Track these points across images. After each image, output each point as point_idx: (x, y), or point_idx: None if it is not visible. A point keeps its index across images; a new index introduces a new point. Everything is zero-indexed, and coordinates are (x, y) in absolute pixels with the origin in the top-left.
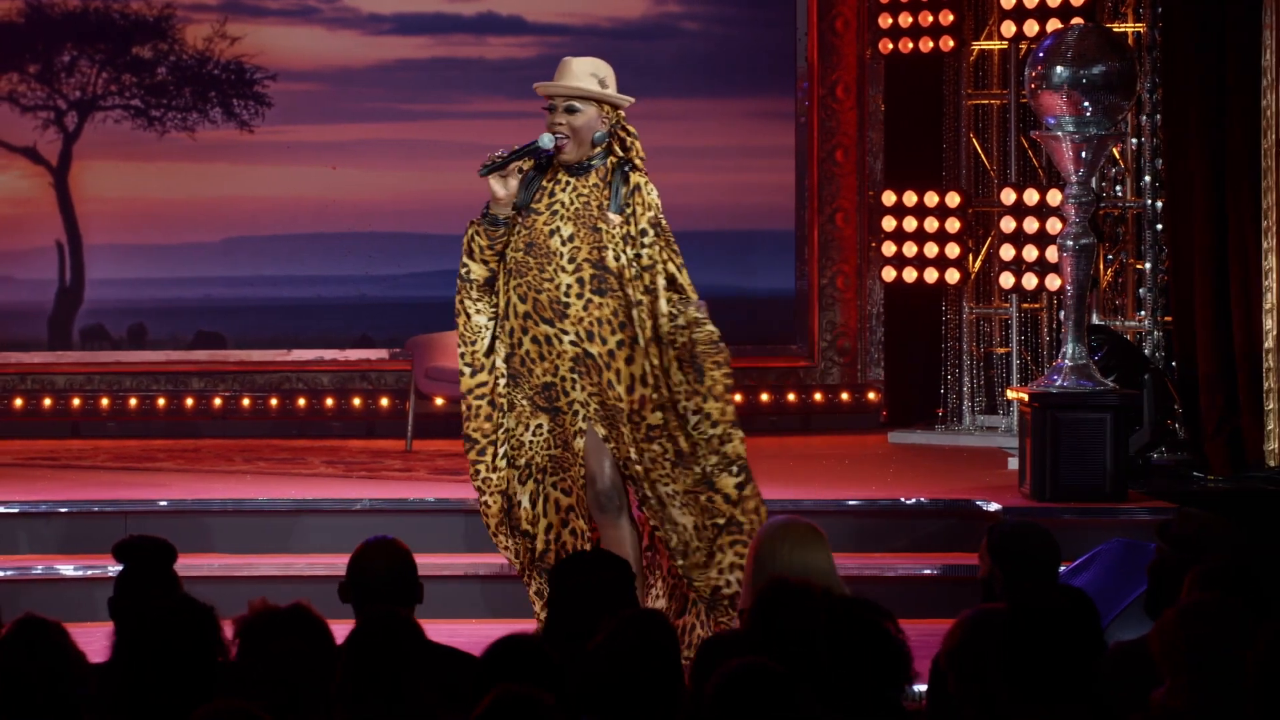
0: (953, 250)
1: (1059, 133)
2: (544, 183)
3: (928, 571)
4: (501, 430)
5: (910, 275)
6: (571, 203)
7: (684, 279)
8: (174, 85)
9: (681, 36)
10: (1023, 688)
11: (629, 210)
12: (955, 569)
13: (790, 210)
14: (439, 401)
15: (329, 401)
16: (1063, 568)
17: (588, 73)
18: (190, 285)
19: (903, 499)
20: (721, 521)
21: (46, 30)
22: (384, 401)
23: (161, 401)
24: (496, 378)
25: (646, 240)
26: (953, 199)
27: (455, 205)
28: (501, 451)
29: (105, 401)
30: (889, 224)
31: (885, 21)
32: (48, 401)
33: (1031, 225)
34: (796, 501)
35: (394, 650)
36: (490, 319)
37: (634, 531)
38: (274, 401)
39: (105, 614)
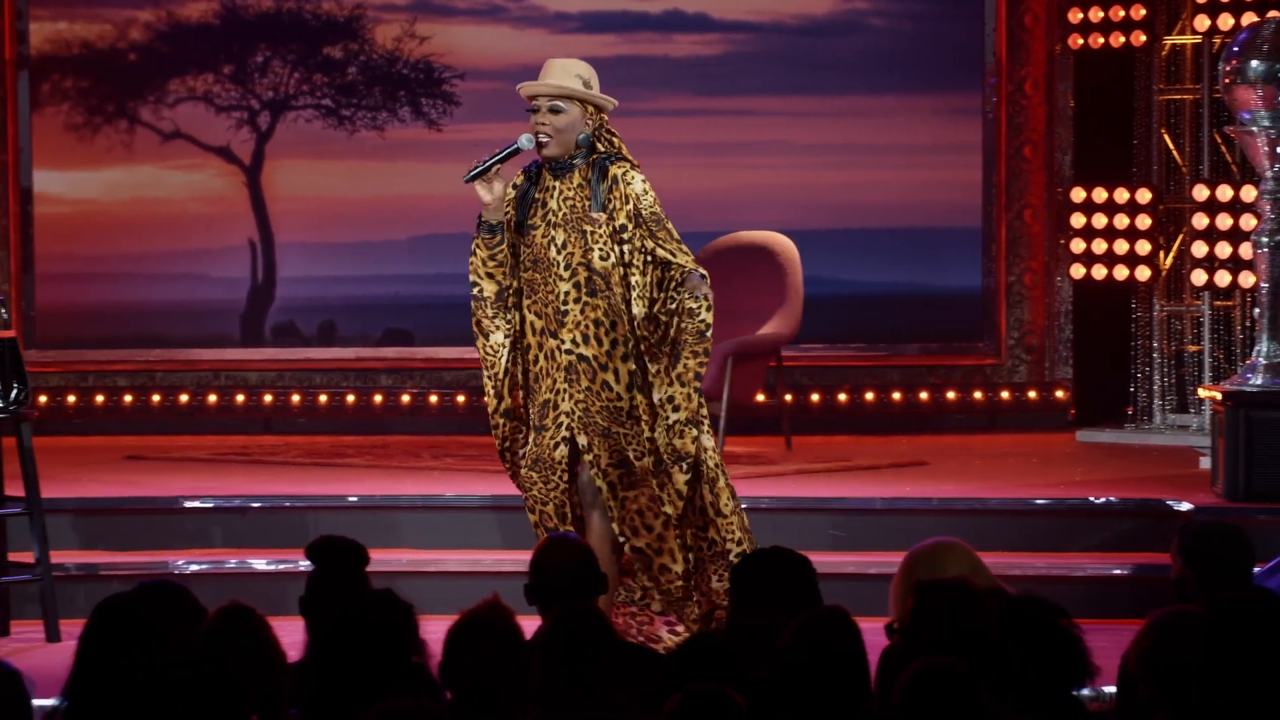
0: (1143, 247)
1: (1254, 128)
2: (535, 195)
3: (1118, 571)
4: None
5: (1099, 272)
6: (560, 208)
7: (682, 260)
8: (364, 85)
9: (868, 33)
10: (1221, 693)
11: (610, 206)
12: (1146, 569)
13: (977, 207)
14: None
15: None
16: (1255, 569)
17: (572, 73)
18: (379, 283)
19: (1092, 498)
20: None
21: (241, 31)
22: None
23: (351, 398)
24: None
25: (626, 235)
26: (1143, 195)
27: None
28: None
29: (296, 398)
30: (1078, 221)
31: (1075, 16)
32: (240, 398)
33: (1224, 221)
34: (983, 500)
35: (586, 649)
36: (507, 335)
37: (613, 532)
38: (461, 398)
39: (295, 609)
